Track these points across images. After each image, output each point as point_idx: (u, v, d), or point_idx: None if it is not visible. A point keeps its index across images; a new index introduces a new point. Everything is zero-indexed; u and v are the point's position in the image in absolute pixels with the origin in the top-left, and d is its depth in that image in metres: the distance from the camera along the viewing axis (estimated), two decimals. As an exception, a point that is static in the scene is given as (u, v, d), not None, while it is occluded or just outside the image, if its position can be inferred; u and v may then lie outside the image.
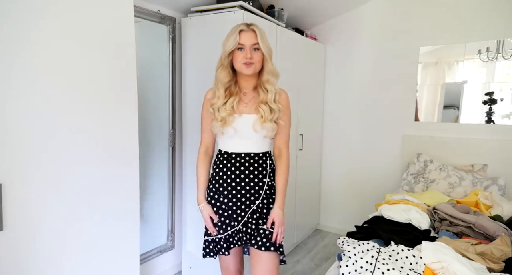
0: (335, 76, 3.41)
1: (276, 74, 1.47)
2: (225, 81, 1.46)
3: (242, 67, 1.41)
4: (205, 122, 1.56)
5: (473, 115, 2.78)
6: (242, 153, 1.48)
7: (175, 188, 2.58)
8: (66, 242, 1.27)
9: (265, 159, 1.52)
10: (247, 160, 1.48)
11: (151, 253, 2.46)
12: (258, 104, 1.45)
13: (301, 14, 3.04)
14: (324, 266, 2.74)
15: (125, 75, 1.43)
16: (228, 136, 1.48)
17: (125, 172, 1.46)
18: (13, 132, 1.09)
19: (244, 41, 1.40)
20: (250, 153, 1.48)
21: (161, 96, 2.50)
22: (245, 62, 1.40)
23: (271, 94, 1.44)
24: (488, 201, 2.24)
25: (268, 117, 1.43)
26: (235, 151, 1.49)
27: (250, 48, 1.40)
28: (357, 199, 3.35)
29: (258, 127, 1.44)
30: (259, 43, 1.40)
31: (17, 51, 1.09)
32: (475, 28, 2.70)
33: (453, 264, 1.33)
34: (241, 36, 1.40)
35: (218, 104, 1.45)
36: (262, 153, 1.51)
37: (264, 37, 1.42)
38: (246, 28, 1.41)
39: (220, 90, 1.46)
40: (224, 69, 1.45)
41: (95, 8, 1.30)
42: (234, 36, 1.39)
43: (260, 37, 1.40)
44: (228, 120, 1.44)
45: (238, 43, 1.40)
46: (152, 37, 2.46)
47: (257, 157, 1.49)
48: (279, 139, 1.54)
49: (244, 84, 1.51)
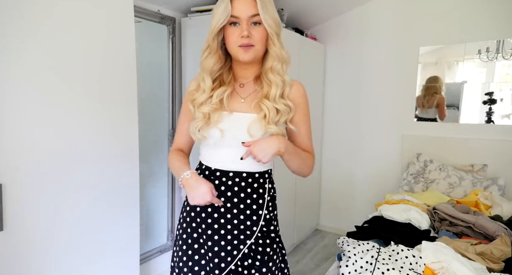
0: (335, 76, 3.41)
1: (284, 59, 1.03)
2: (213, 69, 1.04)
3: (238, 52, 0.99)
4: (182, 120, 1.14)
5: (473, 115, 2.78)
6: (230, 172, 1.03)
7: (175, 188, 2.58)
8: (66, 242, 1.27)
9: (262, 182, 1.06)
10: (236, 182, 1.02)
11: (151, 253, 2.46)
12: (261, 99, 1.02)
13: (301, 14, 3.04)
14: (324, 266, 2.74)
15: (125, 75, 1.43)
16: (211, 142, 1.03)
17: (125, 172, 1.46)
18: (13, 132, 1.09)
19: (238, 11, 0.96)
20: (242, 173, 1.03)
21: (161, 96, 2.50)
22: (242, 44, 0.97)
23: (276, 88, 1.01)
24: (488, 201, 2.24)
25: (273, 118, 1.00)
26: (220, 167, 1.04)
27: (247, 21, 0.96)
28: (357, 199, 3.35)
29: (256, 130, 0.99)
30: (259, 14, 0.95)
31: (17, 51, 1.09)
32: (475, 28, 2.70)
33: (453, 264, 1.33)
34: (233, 5, 0.96)
35: (201, 99, 1.02)
36: (259, 173, 1.05)
37: (268, 6, 0.98)
38: None
39: (206, 82, 1.03)
40: (212, 53, 1.03)
41: (95, 8, 1.30)
42: (224, 5, 0.96)
43: (262, 5, 0.95)
44: (213, 119, 1.01)
45: (230, 15, 0.96)
46: (152, 37, 2.46)
47: (251, 178, 1.03)
48: (300, 146, 1.10)
49: (241, 73, 1.08)
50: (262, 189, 1.06)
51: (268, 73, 1.02)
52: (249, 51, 0.98)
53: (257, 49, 0.99)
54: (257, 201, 1.04)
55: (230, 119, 1.02)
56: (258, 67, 1.07)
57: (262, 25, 0.98)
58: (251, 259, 1.02)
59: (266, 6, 0.96)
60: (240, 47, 0.98)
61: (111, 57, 1.37)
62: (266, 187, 1.07)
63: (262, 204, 1.05)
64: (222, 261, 1.00)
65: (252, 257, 1.02)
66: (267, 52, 1.03)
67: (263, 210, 1.04)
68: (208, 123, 1.01)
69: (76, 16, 1.24)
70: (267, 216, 1.05)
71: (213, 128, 1.01)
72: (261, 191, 1.05)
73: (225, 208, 1.02)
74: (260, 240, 1.03)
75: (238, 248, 1.01)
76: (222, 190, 1.03)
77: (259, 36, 0.98)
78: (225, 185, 1.03)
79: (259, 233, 1.03)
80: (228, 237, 1.01)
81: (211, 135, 1.02)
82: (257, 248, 1.03)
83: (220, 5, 0.97)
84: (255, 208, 1.03)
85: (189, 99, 1.06)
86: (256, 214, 1.03)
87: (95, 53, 1.31)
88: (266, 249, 1.04)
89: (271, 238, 1.06)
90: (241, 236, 1.02)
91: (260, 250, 1.03)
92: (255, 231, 1.02)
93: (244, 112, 1.03)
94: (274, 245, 1.06)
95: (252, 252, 1.02)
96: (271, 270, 1.03)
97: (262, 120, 1.00)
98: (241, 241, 1.01)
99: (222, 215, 1.02)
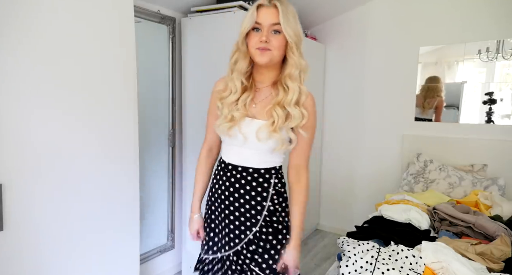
0: (335, 76, 3.41)
1: (303, 67, 1.14)
2: (244, 71, 1.14)
3: (255, 53, 1.08)
4: (211, 119, 1.27)
5: (473, 115, 2.78)
6: (239, 166, 1.17)
7: (175, 188, 2.58)
8: (66, 242, 1.27)
9: (268, 177, 1.17)
10: (243, 175, 1.16)
11: (151, 253, 2.46)
12: (274, 106, 1.11)
13: (301, 14, 3.02)
14: (324, 266, 2.74)
15: (125, 75, 1.43)
16: (233, 142, 1.17)
17: (125, 172, 1.46)
18: (13, 132, 1.09)
19: (261, 19, 1.06)
20: (249, 168, 1.16)
21: (161, 96, 2.50)
22: (259, 47, 1.06)
23: (293, 94, 1.10)
24: (488, 201, 2.24)
25: (280, 125, 1.09)
26: (233, 162, 1.18)
27: (268, 29, 1.06)
28: (357, 199, 3.35)
29: (264, 136, 1.10)
30: (280, 24, 1.05)
31: (17, 51, 1.09)
32: (475, 28, 2.70)
33: (453, 264, 1.33)
34: (258, 13, 1.07)
35: (232, 98, 1.14)
36: (265, 169, 1.17)
37: (290, 17, 1.07)
38: (267, 2, 1.08)
39: (236, 83, 1.13)
40: (242, 55, 1.12)
41: (95, 8, 1.30)
42: (251, 12, 1.08)
43: (284, 16, 1.05)
44: (239, 123, 1.13)
45: (255, 22, 1.07)
46: (152, 37, 2.46)
47: (257, 173, 1.16)
48: (298, 155, 1.20)
49: (258, 78, 1.18)
50: (267, 183, 1.17)
51: (287, 79, 1.12)
52: (265, 54, 1.07)
53: (273, 54, 1.08)
54: (261, 194, 1.16)
55: (245, 124, 1.14)
56: (274, 73, 1.16)
57: (282, 34, 1.07)
58: (255, 245, 1.15)
59: (288, 17, 1.06)
60: (257, 49, 1.07)
61: (111, 57, 1.37)
62: (271, 181, 1.18)
63: (266, 196, 1.16)
64: (231, 241, 1.17)
65: (256, 243, 1.15)
66: (286, 60, 1.12)
67: (267, 202, 1.16)
68: (231, 124, 1.13)
69: (76, 16, 1.24)
70: (271, 208, 1.16)
71: (237, 131, 1.13)
72: (266, 185, 1.17)
73: (234, 198, 1.17)
74: (264, 229, 1.16)
75: (245, 233, 1.16)
76: (232, 181, 1.17)
77: (277, 43, 1.07)
78: (234, 178, 1.17)
79: (263, 222, 1.16)
80: (236, 223, 1.17)
81: (234, 136, 1.14)
82: (261, 236, 1.15)
83: (248, 13, 1.09)
84: (259, 200, 1.16)
85: (217, 97, 1.19)
86: (260, 205, 1.15)
87: (95, 53, 1.31)
88: (269, 237, 1.16)
89: (276, 228, 1.17)
90: (247, 223, 1.16)
91: (264, 238, 1.15)
92: (259, 220, 1.15)
93: (254, 118, 1.14)
94: (280, 236, 1.17)
95: (256, 239, 1.15)
96: (274, 258, 1.15)
97: (270, 126, 1.10)
98: (247, 227, 1.16)
99: (232, 204, 1.17)
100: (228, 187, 1.18)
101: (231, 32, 1.56)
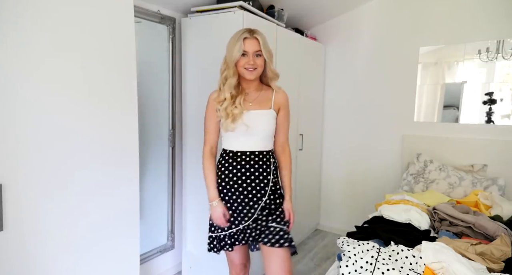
0: (335, 76, 3.41)
1: (277, 74, 1.61)
2: (233, 86, 1.55)
3: (245, 72, 1.52)
4: (209, 123, 1.62)
5: (473, 115, 2.78)
6: (248, 152, 1.56)
7: (175, 188, 2.58)
8: (66, 242, 1.27)
9: (268, 157, 1.60)
10: (252, 158, 1.56)
11: (151, 253, 2.46)
12: (264, 101, 1.58)
13: (301, 14, 3.04)
14: (324, 266, 2.74)
15: (125, 75, 1.43)
16: (239, 133, 1.54)
17: (125, 172, 1.46)
18: (13, 132, 1.09)
19: (248, 48, 1.50)
20: (255, 151, 1.56)
21: (161, 96, 2.50)
22: (247, 67, 1.50)
23: (273, 93, 1.60)
24: (488, 201, 2.24)
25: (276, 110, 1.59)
26: (241, 149, 1.56)
27: (253, 55, 1.50)
28: (357, 199, 3.35)
29: (270, 120, 1.57)
30: (261, 50, 1.51)
31: (16, 51, 1.09)
32: (475, 28, 2.70)
33: (453, 264, 1.33)
34: (245, 44, 1.50)
35: (227, 103, 1.54)
36: (266, 151, 1.59)
37: (266, 43, 1.53)
38: (250, 35, 1.50)
39: (227, 94, 1.54)
40: (232, 73, 1.53)
41: (95, 8, 1.30)
42: (239, 44, 1.48)
43: (263, 44, 1.51)
44: (241, 117, 1.52)
45: (243, 50, 1.50)
46: (152, 37, 2.46)
47: (261, 155, 1.57)
48: (281, 136, 1.65)
49: (246, 86, 1.60)
50: (268, 162, 1.60)
51: (270, 81, 1.61)
52: (253, 72, 1.53)
53: (258, 71, 1.55)
54: (266, 170, 1.58)
55: (249, 116, 1.54)
56: (257, 82, 1.61)
57: (262, 56, 1.53)
58: (267, 209, 1.57)
59: (265, 44, 1.52)
60: (245, 69, 1.52)
61: (111, 57, 1.37)
62: (271, 160, 1.61)
63: (269, 172, 1.59)
64: (249, 212, 1.56)
65: (268, 208, 1.57)
66: (265, 70, 1.58)
67: (271, 176, 1.59)
68: (235, 120, 1.52)
69: (76, 16, 1.23)
70: (274, 180, 1.60)
71: (240, 123, 1.52)
72: (268, 163, 1.59)
73: (246, 177, 1.55)
74: (272, 196, 1.58)
75: (257, 202, 1.56)
76: (242, 164, 1.56)
77: (260, 63, 1.53)
78: (245, 161, 1.56)
79: (270, 192, 1.58)
80: (250, 196, 1.56)
81: (239, 128, 1.53)
82: (270, 202, 1.58)
83: (236, 43, 1.49)
84: (265, 175, 1.57)
85: (215, 104, 1.58)
86: (266, 179, 1.58)
87: (95, 53, 1.31)
88: (276, 201, 1.61)
89: (278, 194, 1.63)
90: (258, 195, 1.56)
91: (272, 203, 1.58)
92: (267, 190, 1.57)
93: (256, 110, 1.57)
94: (281, 198, 1.64)
95: (267, 205, 1.57)
96: (282, 213, 1.60)
97: (271, 112, 1.59)
98: (259, 198, 1.56)
99: (244, 181, 1.55)
100: (240, 169, 1.55)
101: (231, 32, 1.57)
